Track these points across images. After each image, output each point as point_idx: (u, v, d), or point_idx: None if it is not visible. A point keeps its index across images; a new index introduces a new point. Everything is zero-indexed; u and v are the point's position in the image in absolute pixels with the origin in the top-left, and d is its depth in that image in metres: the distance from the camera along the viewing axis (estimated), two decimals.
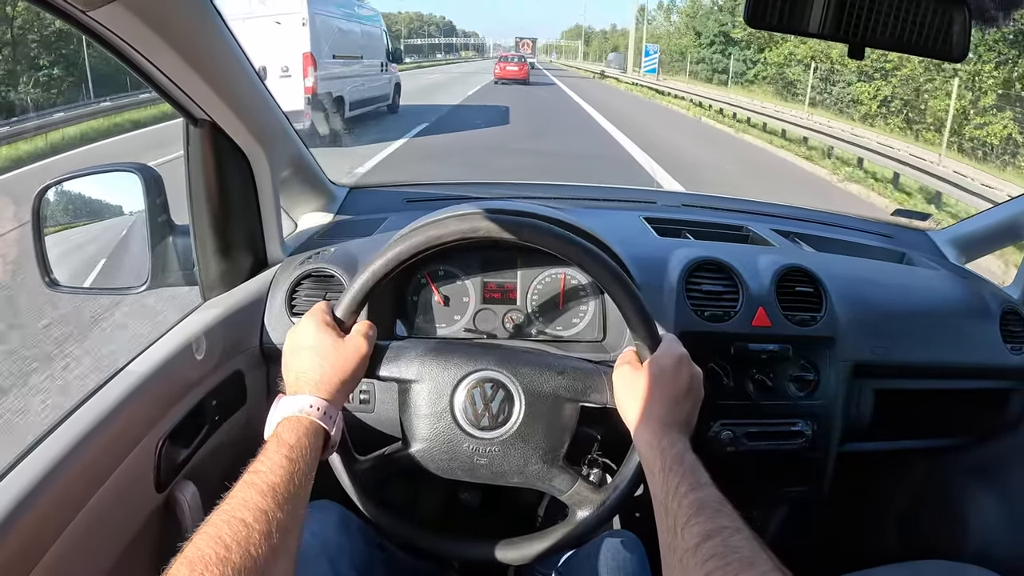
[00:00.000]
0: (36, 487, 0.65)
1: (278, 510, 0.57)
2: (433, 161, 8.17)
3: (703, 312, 1.05)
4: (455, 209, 0.91)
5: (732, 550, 0.54)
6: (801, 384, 1.08)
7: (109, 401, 0.77)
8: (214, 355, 0.94)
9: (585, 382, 0.80)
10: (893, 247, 1.47)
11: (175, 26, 0.77)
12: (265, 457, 0.62)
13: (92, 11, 0.68)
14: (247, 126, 0.98)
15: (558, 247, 0.77)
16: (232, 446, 0.98)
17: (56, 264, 1.00)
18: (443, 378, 0.80)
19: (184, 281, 1.04)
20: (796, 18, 0.79)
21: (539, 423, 0.79)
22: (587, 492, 0.79)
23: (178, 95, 0.87)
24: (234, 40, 0.90)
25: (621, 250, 1.02)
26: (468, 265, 1.07)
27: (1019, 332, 1.22)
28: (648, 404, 0.72)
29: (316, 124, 8.54)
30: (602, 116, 14.54)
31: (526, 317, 1.06)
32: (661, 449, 0.68)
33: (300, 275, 1.04)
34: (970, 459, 1.35)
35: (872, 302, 1.15)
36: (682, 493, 0.61)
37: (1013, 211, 1.40)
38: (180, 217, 1.03)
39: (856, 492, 1.49)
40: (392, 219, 1.28)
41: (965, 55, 0.87)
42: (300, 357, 0.73)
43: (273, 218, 1.09)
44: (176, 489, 0.87)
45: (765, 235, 1.32)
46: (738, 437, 1.05)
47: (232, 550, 0.52)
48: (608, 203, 1.56)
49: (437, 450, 0.80)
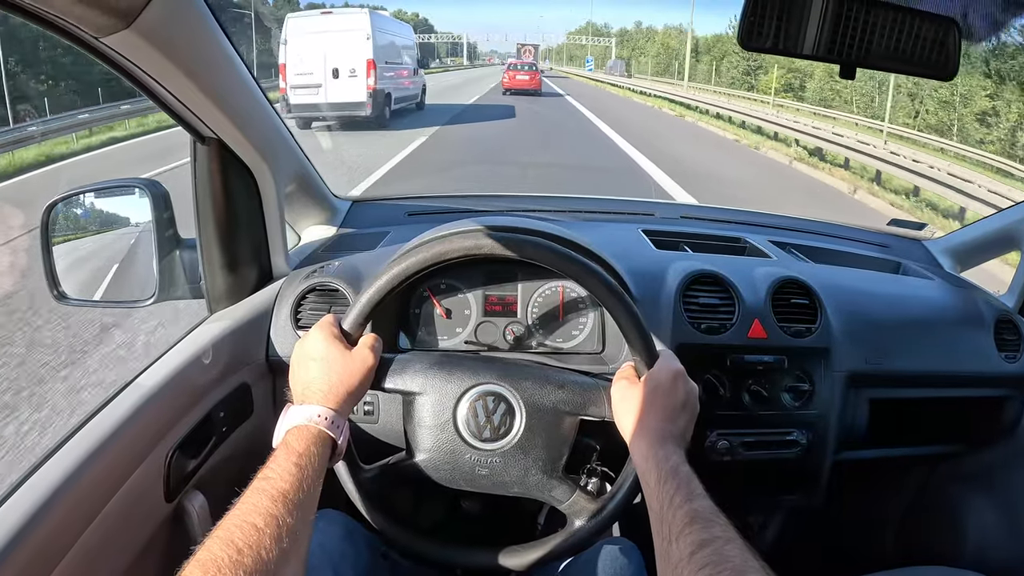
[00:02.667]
0: (49, 499, 0.67)
1: (288, 515, 0.59)
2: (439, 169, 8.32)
3: (700, 325, 1.06)
4: (458, 225, 0.93)
5: (725, 559, 0.56)
6: (796, 394, 1.10)
7: (119, 414, 0.79)
8: (221, 367, 0.96)
9: (584, 396, 0.82)
10: (889, 257, 1.48)
11: (184, 50, 0.80)
12: (275, 464, 0.64)
13: (105, 38, 0.70)
14: (252, 143, 1.00)
15: (560, 264, 0.79)
16: (239, 457, 1.00)
17: (64, 277, 1.02)
18: (447, 391, 0.82)
19: (191, 294, 1.06)
20: (790, 40, 0.81)
21: (539, 435, 0.81)
22: (585, 502, 0.81)
23: (186, 115, 0.89)
24: (240, 61, 0.92)
25: (619, 264, 1.04)
26: (470, 278, 1.09)
27: (1013, 341, 1.24)
28: (644, 418, 0.74)
29: (373, 112, 11.62)
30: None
31: (527, 329, 1.08)
32: (657, 461, 0.69)
33: (305, 289, 1.06)
34: (965, 466, 1.37)
35: (867, 313, 1.17)
36: (677, 504, 0.63)
37: (1008, 220, 1.41)
38: (186, 231, 1.05)
39: (852, 500, 1.50)
40: (395, 233, 1.30)
41: (956, 72, 0.89)
42: (308, 368, 0.75)
43: (278, 232, 1.11)
44: (185, 499, 0.88)
45: (762, 247, 1.33)
46: (734, 447, 1.07)
47: (244, 553, 0.54)
48: (608, 215, 1.58)
49: (440, 460, 0.82)
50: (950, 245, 1.53)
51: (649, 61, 50.32)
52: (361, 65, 11.40)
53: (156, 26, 0.72)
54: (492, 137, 11.86)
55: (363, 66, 11.41)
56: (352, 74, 11.43)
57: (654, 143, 11.24)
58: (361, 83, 11.45)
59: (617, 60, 49.38)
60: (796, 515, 1.42)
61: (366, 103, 11.51)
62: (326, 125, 11.91)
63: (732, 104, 18.12)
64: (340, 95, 11.49)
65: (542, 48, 79.42)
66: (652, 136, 12.47)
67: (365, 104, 11.50)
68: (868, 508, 1.52)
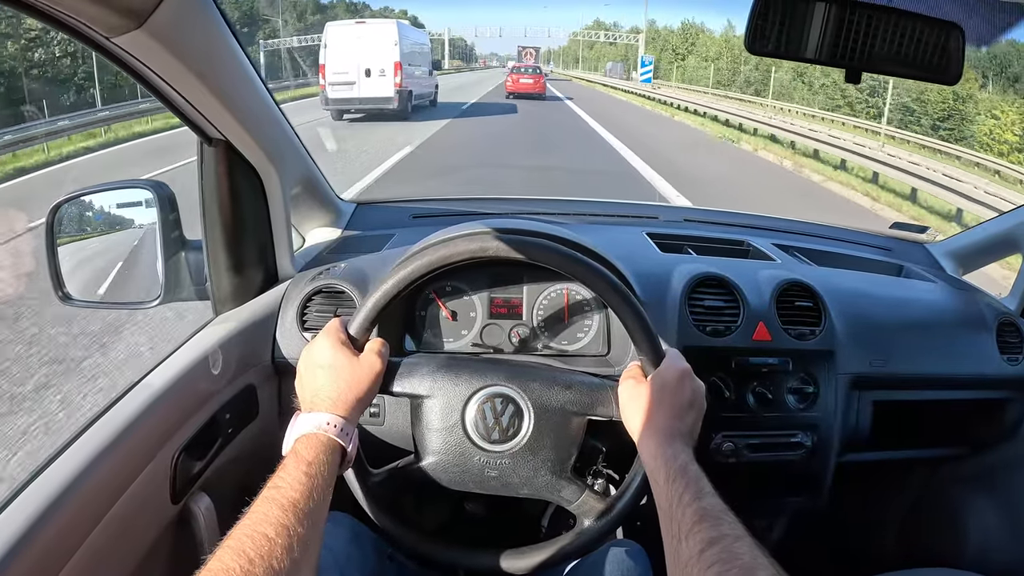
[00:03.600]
0: (56, 500, 0.67)
1: (298, 525, 0.59)
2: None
3: (705, 327, 1.07)
4: (463, 228, 0.93)
5: (734, 556, 0.56)
6: (801, 396, 1.10)
7: (126, 415, 0.79)
8: (227, 369, 0.96)
9: (592, 396, 0.82)
10: (892, 260, 1.49)
11: (193, 51, 0.80)
12: (284, 473, 0.64)
13: (115, 38, 0.70)
14: (260, 145, 1.00)
15: (566, 267, 0.79)
16: (245, 458, 1.00)
17: (69, 278, 1.02)
18: (454, 393, 0.82)
19: (196, 296, 1.06)
20: (794, 44, 0.82)
21: (548, 436, 0.81)
22: (594, 502, 0.82)
23: (194, 115, 0.90)
24: (248, 63, 0.92)
25: (624, 266, 1.04)
26: (475, 281, 1.09)
27: (1015, 343, 1.24)
28: (652, 416, 0.75)
29: (399, 106, 13.93)
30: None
31: (532, 332, 1.08)
32: (665, 460, 0.70)
33: (311, 291, 1.06)
34: (968, 468, 1.37)
35: (870, 315, 1.17)
36: (686, 502, 0.63)
37: (1010, 223, 1.42)
38: (191, 232, 1.05)
39: (856, 501, 1.51)
40: (400, 235, 1.30)
41: (959, 77, 0.89)
42: (316, 375, 0.75)
43: (284, 234, 1.11)
44: (191, 501, 0.88)
45: (766, 249, 1.34)
46: (739, 448, 1.07)
47: (255, 563, 0.54)
48: (612, 218, 1.59)
49: (449, 463, 0.82)
50: (952, 248, 1.54)
51: (710, 67, 37.17)
52: (390, 66, 13.75)
53: (167, 27, 0.72)
54: (496, 134, 13.20)
55: (391, 67, 13.77)
56: (382, 74, 13.79)
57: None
58: (389, 81, 13.81)
59: (616, 63, 48.87)
60: (800, 517, 1.42)
61: (393, 98, 13.85)
62: (357, 117, 14.24)
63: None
64: (371, 91, 13.79)
65: (543, 50, 77.36)
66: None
67: (392, 99, 13.85)
68: (870, 510, 1.53)
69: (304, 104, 14.92)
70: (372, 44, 13.88)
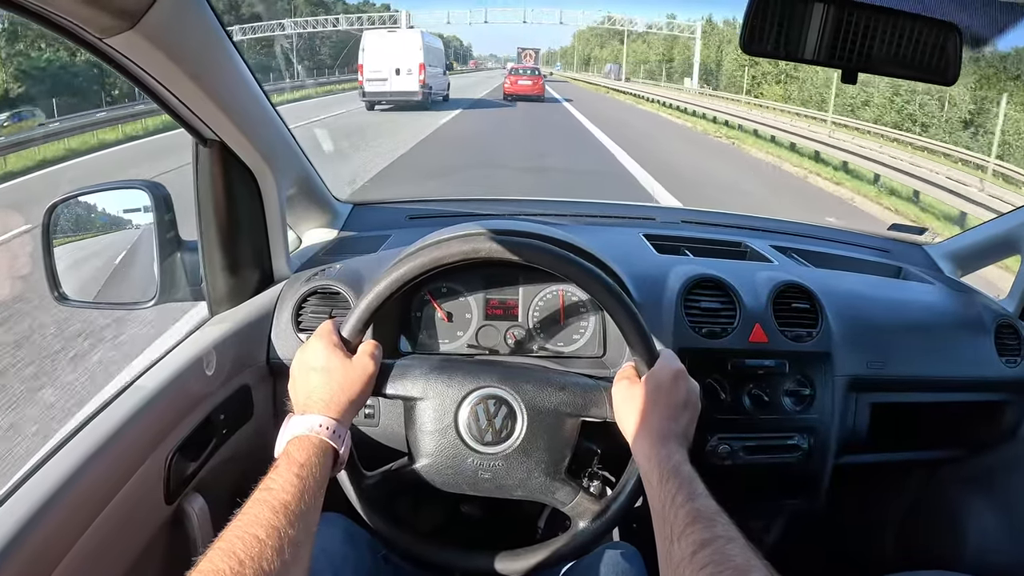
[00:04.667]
0: (48, 500, 0.67)
1: (289, 527, 0.58)
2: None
3: (701, 329, 1.06)
4: (457, 229, 0.93)
5: (727, 558, 0.56)
6: (797, 399, 1.10)
7: (120, 415, 0.79)
8: (222, 370, 0.96)
9: (585, 397, 0.82)
10: (890, 262, 1.49)
11: (188, 52, 0.80)
12: (276, 475, 0.64)
13: (108, 39, 0.70)
14: (255, 146, 1.00)
15: (558, 267, 0.79)
16: (240, 459, 0.99)
17: (64, 278, 1.02)
18: (447, 395, 0.82)
19: (192, 296, 1.06)
20: (791, 44, 0.82)
21: (541, 438, 0.81)
22: (589, 504, 0.81)
23: (189, 117, 0.89)
24: (243, 64, 0.92)
25: (620, 268, 1.04)
26: (470, 282, 1.09)
27: (1013, 345, 1.24)
28: (646, 417, 0.74)
29: (422, 99, 17.96)
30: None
31: (528, 333, 1.08)
32: (659, 460, 0.69)
33: (306, 292, 1.06)
34: (966, 470, 1.37)
35: (867, 317, 1.17)
36: (679, 503, 0.63)
37: (1009, 224, 1.41)
38: (187, 233, 1.05)
39: (854, 503, 1.50)
40: (396, 236, 1.30)
41: (957, 78, 0.89)
42: (309, 377, 0.75)
43: (280, 235, 1.11)
44: (185, 502, 0.88)
45: (763, 251, 1.33)
46: (735, 451, 1.07)
47: (246, 565, 0.53)
48: (608, 219, 1.58)
49: (442, 465, 0.82)
50: (950, 249, 1.53)
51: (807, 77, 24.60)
52: (415, 66, 17.85)
53: (160, 27, 0.72)
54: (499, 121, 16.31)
55: (416, 67, 17.86)
56: (409, 72, 17.83)
57: None
58: (415, 78, 17.90)
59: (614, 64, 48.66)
60: (797, 519, 1.42)
61: (418, 92, 18.00)
62: (387, 107, 18.28)
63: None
64: (400, 86, 17.83)
65: (543, 51, 76.27)
66: None
67: (417, 93, 18.00)
68: (868, 512, 1.52)
69: (342, 97, 20.30)
70: (401, 48, 17.90)
